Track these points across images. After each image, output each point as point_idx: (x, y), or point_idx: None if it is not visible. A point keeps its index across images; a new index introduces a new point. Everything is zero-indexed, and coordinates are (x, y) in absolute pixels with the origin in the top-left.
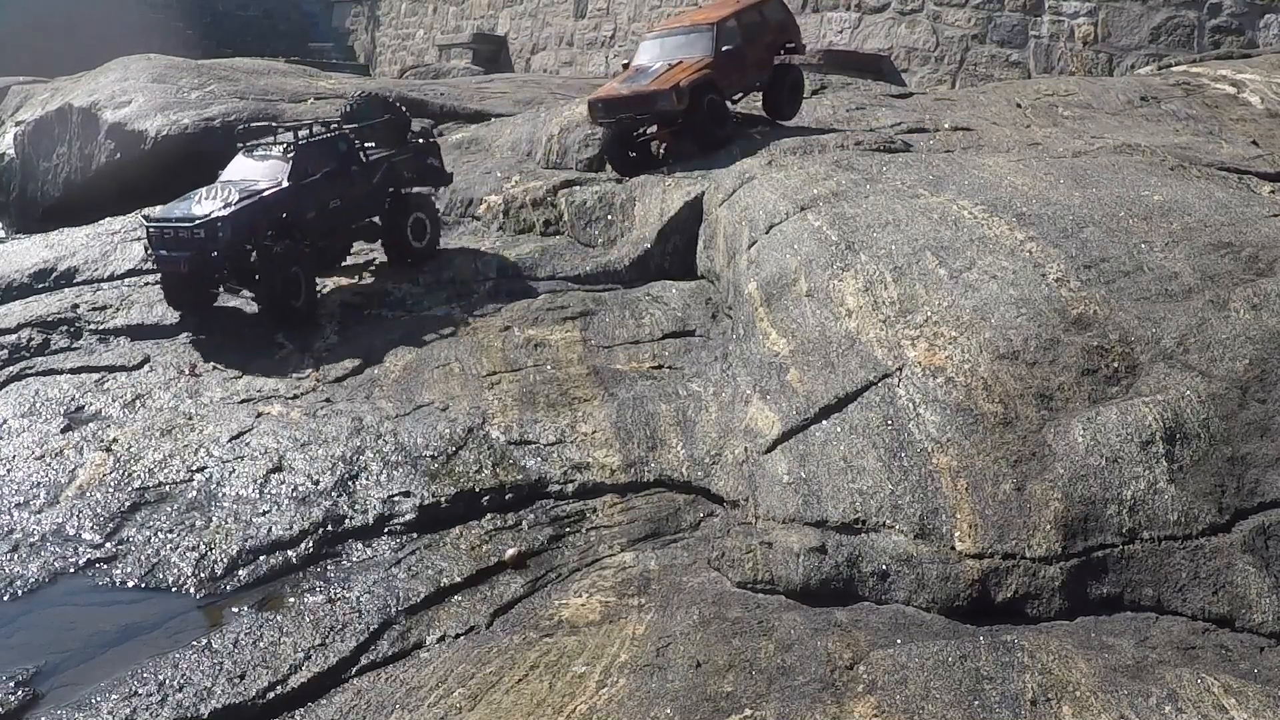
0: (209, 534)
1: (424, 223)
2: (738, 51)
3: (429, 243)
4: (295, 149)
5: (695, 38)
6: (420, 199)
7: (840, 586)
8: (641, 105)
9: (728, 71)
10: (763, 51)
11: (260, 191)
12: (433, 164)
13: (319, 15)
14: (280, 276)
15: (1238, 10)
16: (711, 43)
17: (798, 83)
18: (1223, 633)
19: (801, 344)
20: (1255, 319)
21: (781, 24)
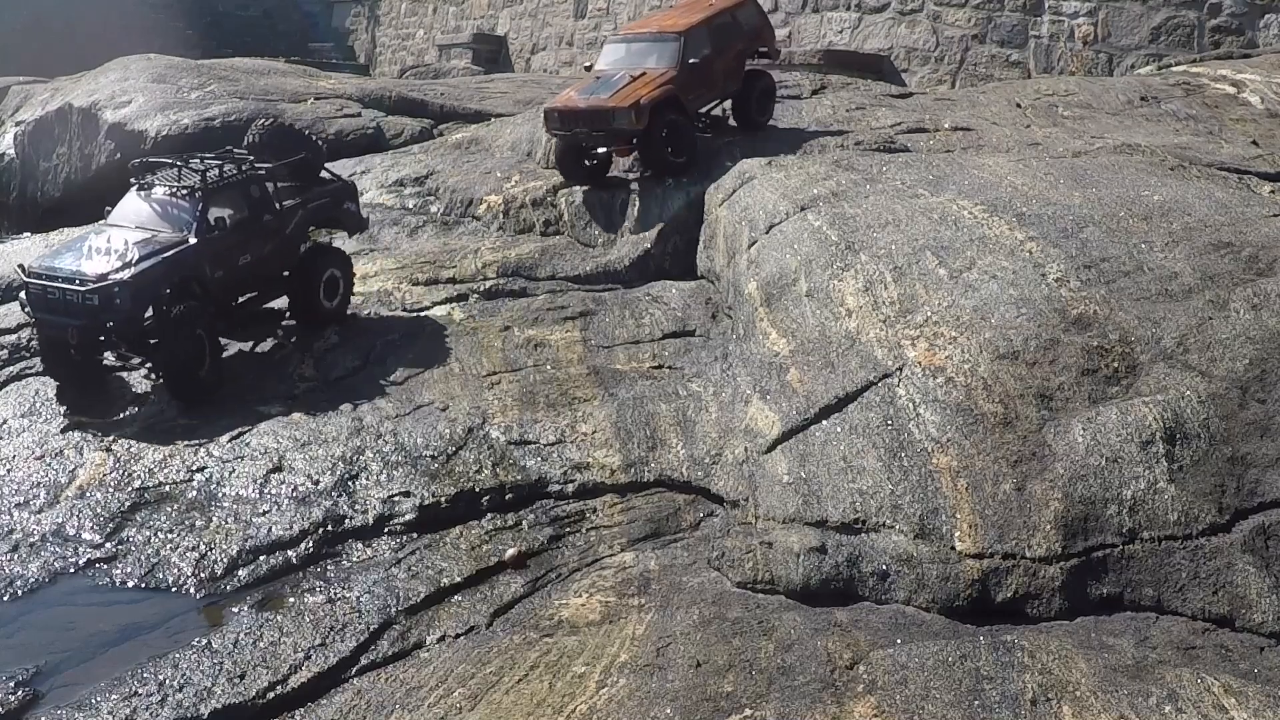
0: (209, 534)
1: (337, 281)
2: (706, 62)
3: (340, 303)
4: (203, 193)
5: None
6: (335, 253)
7: (840, 586)
8: (598, 121)
9: (694, 85)
10: (733, 60)
11: (163, 247)
12: (350, 209)
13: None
14: (183, 344)
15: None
16: (677, 54)
17: (768, 90)
18: (1223, 633)
19: (801, 344)
20: (1255, 319)
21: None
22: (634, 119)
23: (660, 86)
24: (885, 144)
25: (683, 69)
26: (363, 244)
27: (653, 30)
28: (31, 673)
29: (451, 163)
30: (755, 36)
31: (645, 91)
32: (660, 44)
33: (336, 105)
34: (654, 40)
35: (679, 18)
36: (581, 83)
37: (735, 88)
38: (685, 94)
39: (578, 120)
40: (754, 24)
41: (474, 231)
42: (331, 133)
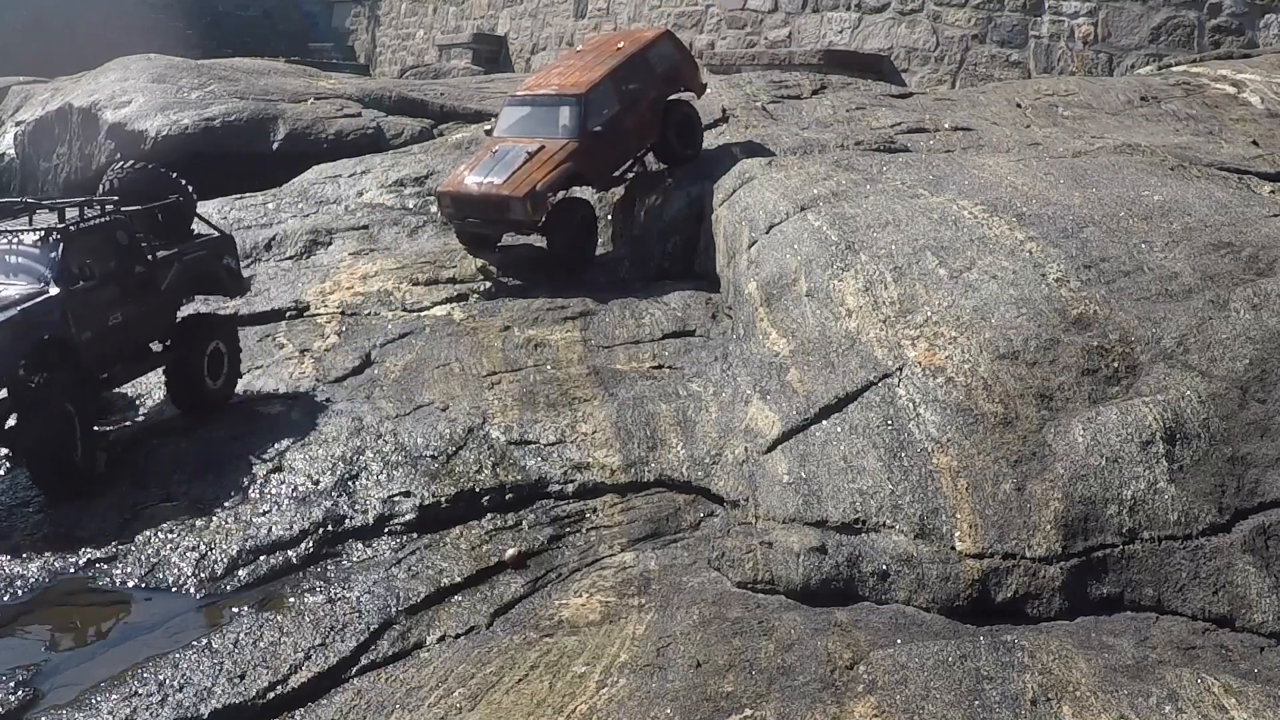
0: (209, 534)
1: (222, 356)
2: (614, 124)
3: (225, 384)
4: (63, 237)
5: (560, 112)
6: (220, 322)
7: (840, 586)
8: (492, 211)
9: (599, 155)
10: (647, 112)
11: (15, 302)
12: (230, 265)
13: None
14: (48, 423)
15: (1238, 10)
16: (577, 120)
17: (687, 119)
18: (1223, 633)
19: (801, 344)
20: (1255, 319)
21: (673, 69)
22: (529, 210)
23: (558, 167)
24: (885, 144)
25: (585, 139)
26: (363, 244)
27: (553, 90)
28: (31, 673)
29: (452, 163)
30: (673, 77)
31: (541, 175)
32: (560, 108)
33: (336, 105)
34: (554, 103)
35: (582, 71)
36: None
37: (654, 137)
38: (590, 169)
39: (472, 209)
40: (671, 63)
41: None
42: (331, 133)
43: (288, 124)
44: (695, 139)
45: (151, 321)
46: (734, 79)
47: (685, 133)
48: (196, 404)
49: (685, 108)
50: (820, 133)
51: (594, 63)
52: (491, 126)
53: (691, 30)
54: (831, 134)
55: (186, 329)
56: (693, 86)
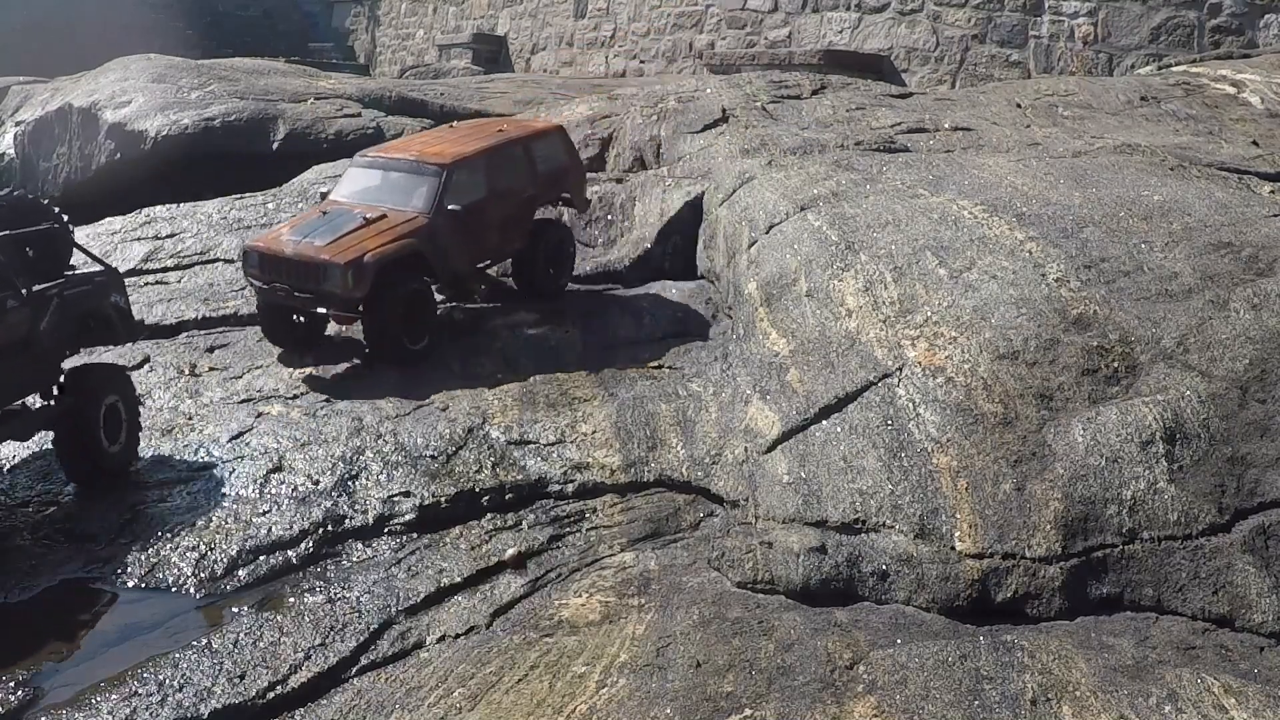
0: (209, 534)
1: (119, 413)
2: (476, 211)
3: (125, 449)
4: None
5: (415, 181)
6: (115, 374)
7: (840, 586)
8: (303, 278)
9: (451, 241)
10: (519, 209)
11: None
12: (119, 304)
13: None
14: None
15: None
16: (434, 194)
17: (562, 244)
18: (1223, 633)
19: (801, 344)
20: (1255, 319)
21: (558, 171)
22: (349, 282)
23: (398, 241)
24: (885, 144)
25: (438, 217)
26: None
27: (411, 155)
28: (31, 673)
29: None
30: (557, 180)
31: (375, 244)
32: (416, 176)
33: (336, 105)
34: (410, 170)
35: (452, 144)
36: (305, 214)
37: (519, 245)
38: (436, 254)
39: (280, 271)
40: (557, 163)
41: None
42: (331, 133)
43: (288, 124)
44: (565, 270)
45: (27, 373)
46: (734, 79)
47: (557, 259)
48: (93, 472)
49: (563, 231)
50: (820, 133)
51: (468, 138)
52: (329, 189)
53: (691, 30)
54: (831, 134)
55: (74, 383)
56: (576, 198)
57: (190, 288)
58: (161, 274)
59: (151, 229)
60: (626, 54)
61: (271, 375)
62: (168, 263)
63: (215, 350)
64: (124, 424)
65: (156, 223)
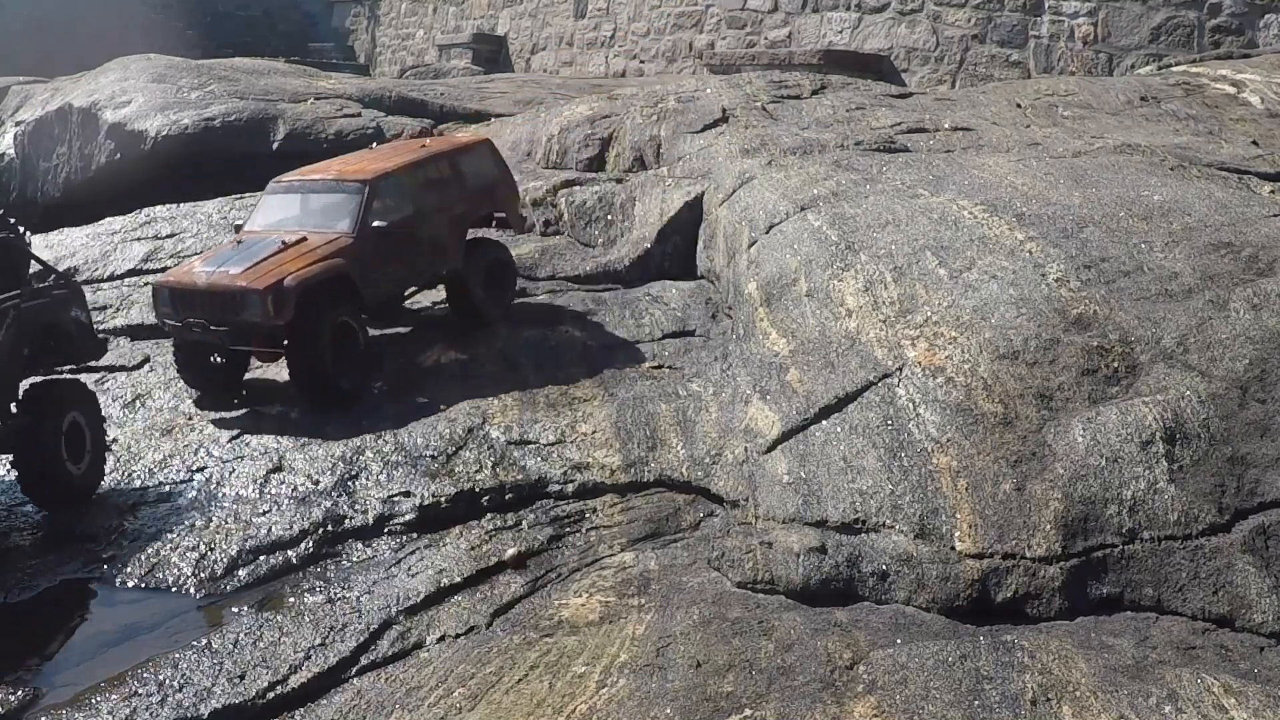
0: (209, 534)
1: (83, 431)
2: (403, 229)
3: (91, 469)
4: None
5: (336, 200)
6: (77, 390)
7: (840, 586)
8: (220, 307)
9: (379, 262)
10: (449, 228)
11: None
12: (79, 319)
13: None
14: None
15: (1238, 10)
16: (358, 212)
17: (502, 265)
18: (1223, 633)
19: (801, 344)
20: (1255, 319)
21: (488, 186)
22: (270, 309)
23: (321, 261)
24: (885, 144)
25: (363, 235)
26: None
27: (330, 175)
28: (31, 673)
29: None
30: (486, 195)
31: (296, 268)
32: (336, 195)
33: (336, 105)
34: (330, 189)
35: (373, 160)
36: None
37: (452, 265)
38: (365, 276)
39: (194, 305)
40: (486, 178)
41: None
42: (331, 133)
43: (288, 124)
44: (505, 295)
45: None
46: (734, 79)
47: (494, 281)
48: (57, 496)
49: (501, 253)
50: (820, 133)
51: (390, 155)
52: (243, 220)
53: (691, 30)
54: (831, 134)
55: (33, 401)
56: (510, 216)
57: None
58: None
59: (151, 229)
60: (626, 54)
61: (270, 373)
62: (168, 263)
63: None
64: (88, 443)
65: (156, 223)
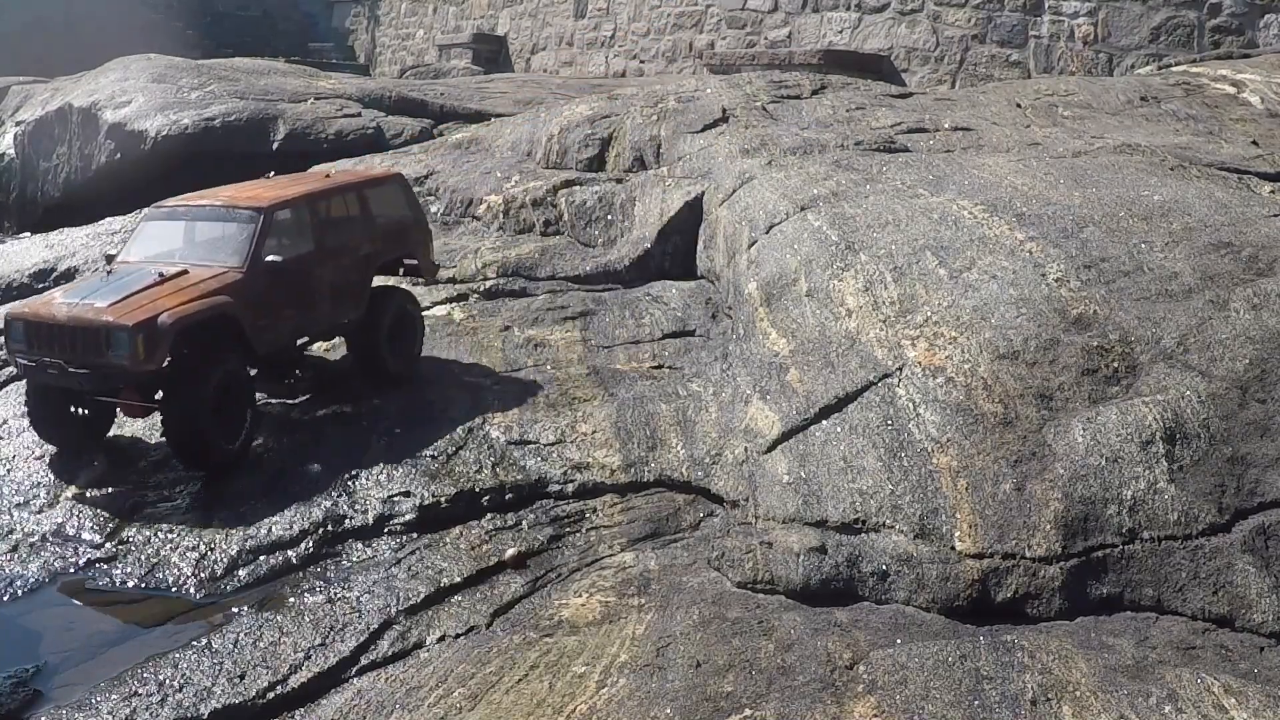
0: (209, 534)
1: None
2: (301, 267)
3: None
4: None
5: (225, 229)
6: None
7: (840, 586)
8: (82, 346)
9: (271, 302)
10: (354, 271)
11: None
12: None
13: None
14: None
15: (1238, 10)
16: (250, 243)
17: (409, 318)
18: (1223, 633)
19: (801, 344)
20: (1255, 319)
21: (398, 227)
22: (141, 351)
23: (204, 298)
24: (885, 144)
25: (255, 271)
26: None
27: (219, 202)
28: (31, 673)
29: (451, 163)
30: (397, 237)
31: (174, 303)
32: (226, 224)
33: (336, 105)
34: (218, 217)
35: (269, 188)
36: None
37: (355, 314)
38: (253, 317)
39: (52, 342)
40: (398, 217)
41: (474, 231)
42: (331, 133)
43: (288, 124)
44: (411, 350)
45: None
46: (734, 79)
47: (400, 335)
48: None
49: (408, 304)
50: (820, 133)
51: (290, 184)
52: (116, 251)
53: (691, 30)
54: (831, 134)
55: None
56: (421, 261)
57: None
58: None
59: None
60: (626, 54)
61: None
62: None
63: None
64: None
65: None
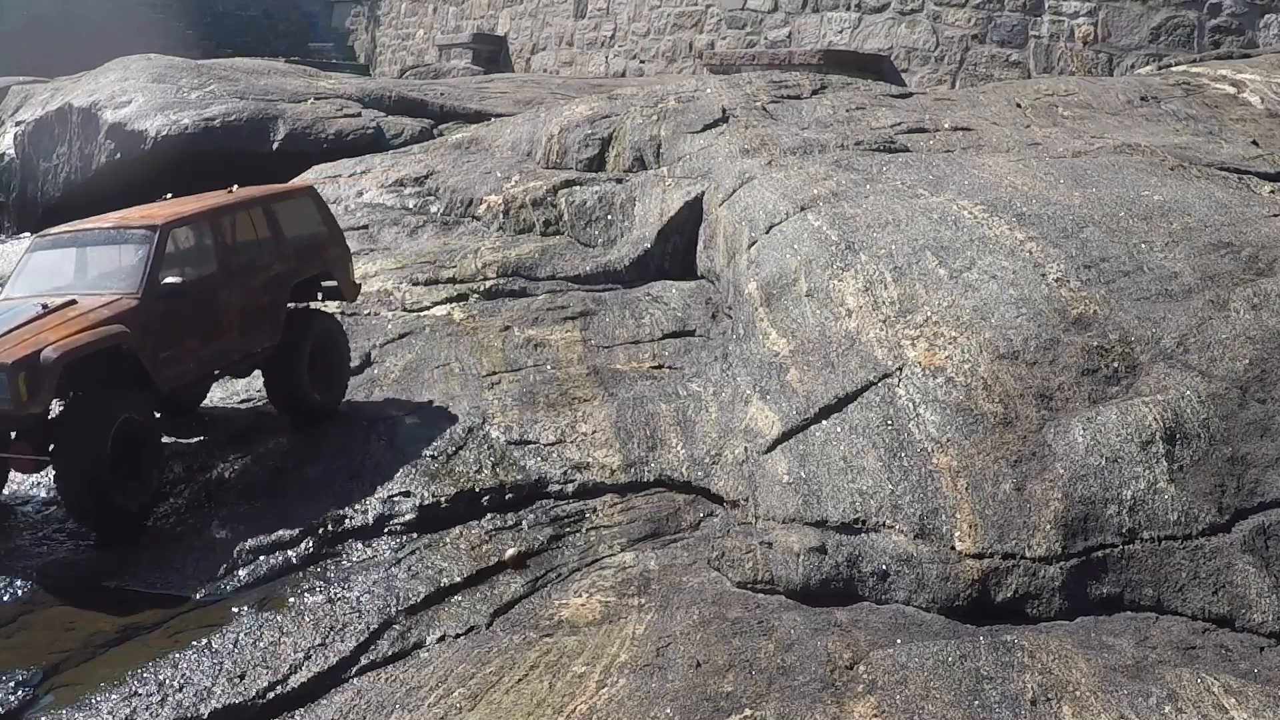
0: (209, 534)
1: None
2: (204, 291)
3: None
4: None
5: (117, 252)
6: None
7: (840, 586)
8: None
9: (172, 332)
10: (265, 293)
11: None
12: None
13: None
14: None
15: (1238, 10)
16: (145, 265)
17: (331, 339)
18: (1223, 633)
19: (801, 344)
20: (1255, 319)
21: (311, 245)
22: (23, 391)
23: (94, 328)
24: (885, 144)
25: (152, 296)
26: (363, 244)
27: (109, 224)
28: (31, 673)
29: (451, 163)
30: (311, 255)
31: (60, 336)
32: (118, 246)
33: (336, 105)
34: (109, 240)
35: (165, 206)
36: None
37: (270, 341)
38: (152, 347)
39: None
40: (310, 234)
41: (474, 231)
42: (331, 133)
43: (288, 124)
44: (338, 376)
45: None
46: (734, 79)
47: (324, 361)
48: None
49: (329, 322)
50: (820, 133)
51: (189, 201)
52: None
53: (691, 30)
54: (831, 134)
55: None
56: (340, 281)
57: None
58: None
59: None
60: (626, 54)
61: None
62: None
63: None
64: None
65: None
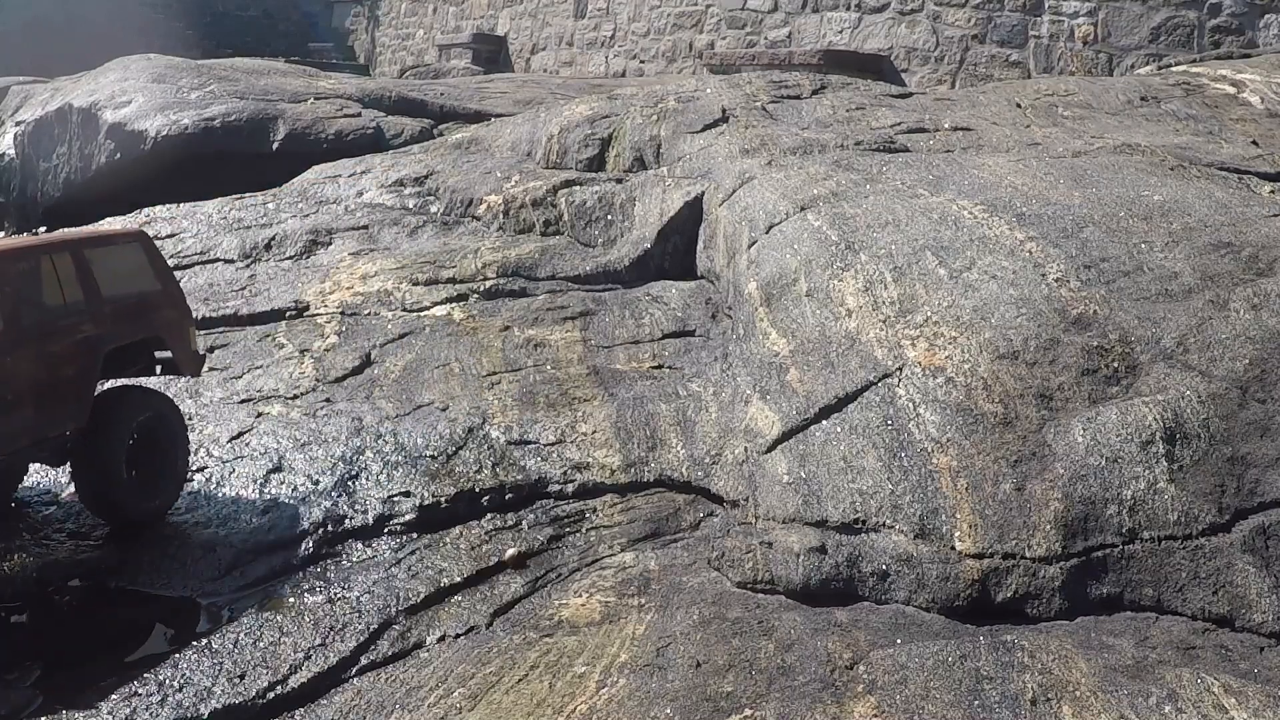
0: (209, 534)
1: None
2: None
3: None
4: None
5: None
6: None
7: (840, 586)
8: None
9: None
10: (70, 360)
11: None
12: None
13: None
14: None
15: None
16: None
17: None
18: (1223, 633)
19: (801, 344)
20: (1255, 319)
21: (137, 303)
22: None
23: None
24: (885, 144)
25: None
26: (363, 244)
27: None
28: (31, 673)
29: (451, 163)
30: (136, 315)
31: None
32: None
33: (336, 105)
34: None
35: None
36: None
37: (74, 423)
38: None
39: None
40: (137, 289)
41: (474, 231)
42: (331, 133)
43: (288, 124)
44: (169, 474)
45: None
46: (734, 79)
47: (150, 451)
48: None
49: (159, 403)
50: (820, 133)
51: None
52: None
53: (691, 30)
54: (831, 134)
55: None
56: (176, 350)
57: (190, 288)
58: None
59: (151, 229)
60: (626, 54)
61: (271, 375)
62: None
63: (215, 350)
64: None
65: (156, 223)
